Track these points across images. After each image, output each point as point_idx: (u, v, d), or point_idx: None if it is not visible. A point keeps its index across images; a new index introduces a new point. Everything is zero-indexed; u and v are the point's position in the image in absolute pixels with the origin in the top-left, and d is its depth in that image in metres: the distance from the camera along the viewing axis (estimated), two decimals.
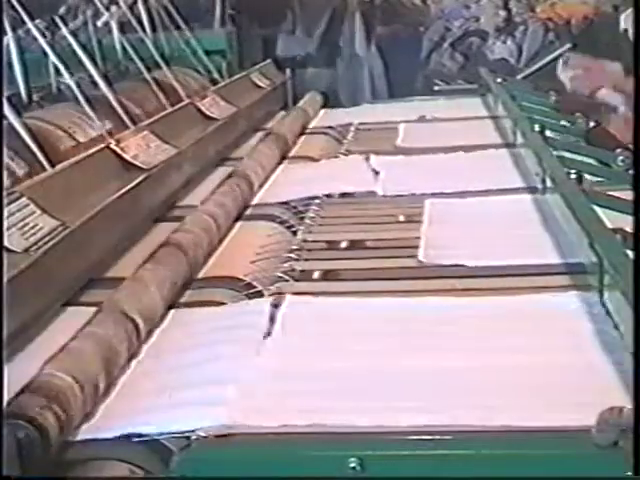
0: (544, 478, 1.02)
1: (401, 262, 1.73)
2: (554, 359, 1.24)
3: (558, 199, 1.78)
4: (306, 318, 1.45)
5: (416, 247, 1.77)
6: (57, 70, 2.53)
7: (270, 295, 1.56)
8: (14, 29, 2.43)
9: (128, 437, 1.09)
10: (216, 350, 1.33)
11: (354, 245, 1.87)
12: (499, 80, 3.47)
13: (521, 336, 1.33)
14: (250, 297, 1.56)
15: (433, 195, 2.17)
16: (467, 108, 3.58)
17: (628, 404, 1.02)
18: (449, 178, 2.33)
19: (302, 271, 1.68)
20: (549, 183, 1.96)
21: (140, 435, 1.09)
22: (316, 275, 1.67)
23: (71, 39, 2.56)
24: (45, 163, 1.89)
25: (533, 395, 1.14)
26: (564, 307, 1.42)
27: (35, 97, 2.61)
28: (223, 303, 1.54)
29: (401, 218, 2.02)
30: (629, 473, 0.96)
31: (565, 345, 1.29)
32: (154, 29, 3.44)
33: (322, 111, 3.88)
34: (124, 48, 3.20)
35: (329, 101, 4.15)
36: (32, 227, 1.54)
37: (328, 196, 2.22)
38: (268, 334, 1.38)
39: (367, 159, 2.63)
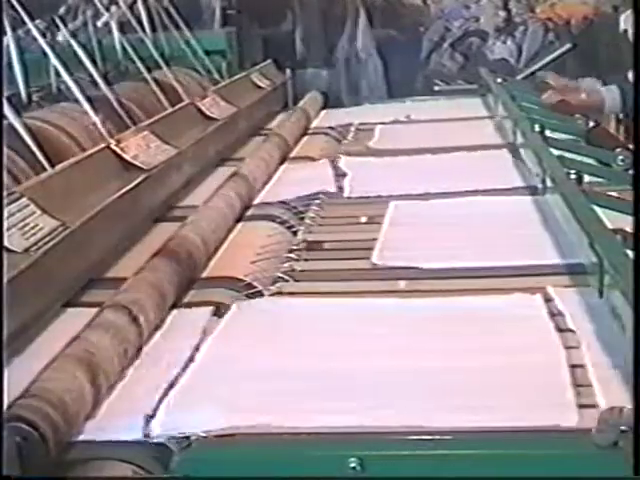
0: (544, 478, 1.02)
1: (357, 264, 1.74)
2: (523, 359, 1.23)
3: (558, 199, 1.78)
4: (260, 319, 1.46)
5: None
6: (57, 71, 2.53)
7: (270, 295, 1.57)
8: (14, 29, 2.43)
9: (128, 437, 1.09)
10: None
11: (311, 246, 1.87)
12: (499, 80, 3.47)
13: (472, 336, 1.33)
14: (250, 297, 1.56)
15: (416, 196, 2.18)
16: (467, 108, 3.58)
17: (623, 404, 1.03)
18: (443, 179, 2.33)
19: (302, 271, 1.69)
20: (549, 183, 1.96)
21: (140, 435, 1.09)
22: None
23: (71, 39, 2.56)
24: (45, 163, 1.89)
25: (503, 396, 1.13)
26: (514, 309, 1.42)
27: (35, 97, 2.62)
28: (223, 303, 1.55)
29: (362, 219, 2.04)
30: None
31: (535, 345, 1.28)
32: (154, 29, 3.44)
33: (323, 111, 3.88)
34: (124, 48, 3.20)
35: (329, 101, 4.15)
36: (32, 227, 1.54)
37: (309, 197, 2.20)
38: (201, 341, 1.37)
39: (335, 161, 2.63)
